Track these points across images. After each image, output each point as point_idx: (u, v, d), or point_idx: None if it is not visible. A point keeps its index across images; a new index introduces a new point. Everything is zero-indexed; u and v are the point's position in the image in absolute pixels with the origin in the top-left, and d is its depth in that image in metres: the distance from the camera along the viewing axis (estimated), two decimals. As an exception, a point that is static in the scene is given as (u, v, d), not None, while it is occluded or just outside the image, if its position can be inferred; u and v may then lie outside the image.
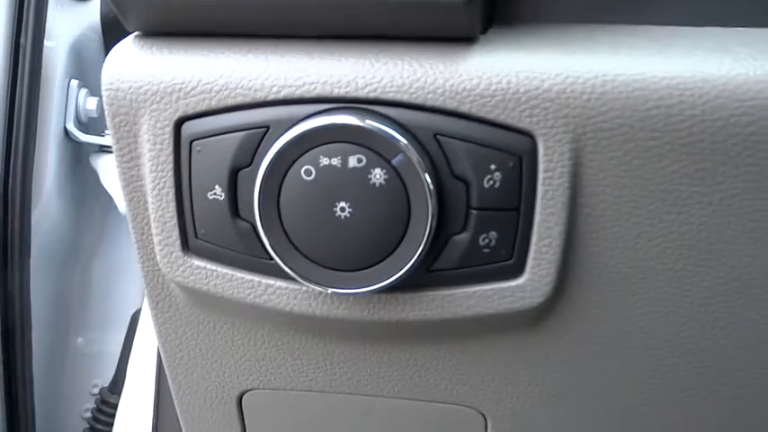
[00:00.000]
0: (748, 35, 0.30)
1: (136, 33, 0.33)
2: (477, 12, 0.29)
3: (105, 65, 0.32)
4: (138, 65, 0.31)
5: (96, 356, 0.91)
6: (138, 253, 0.35)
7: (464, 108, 0.29)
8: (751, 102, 0.27)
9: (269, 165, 0.29)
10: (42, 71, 0.81)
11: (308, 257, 0.30)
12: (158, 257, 0.33)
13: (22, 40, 0.78)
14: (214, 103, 0.31)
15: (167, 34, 0.32)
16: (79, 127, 0.86)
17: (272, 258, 0.31)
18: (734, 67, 0.28)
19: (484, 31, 0.31)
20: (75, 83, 0.86)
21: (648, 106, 0.28)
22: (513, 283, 0.31)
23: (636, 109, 0.28)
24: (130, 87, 0.31)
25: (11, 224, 0.75)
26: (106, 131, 0.94)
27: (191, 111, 0.31)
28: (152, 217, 0.33)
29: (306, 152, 0.29)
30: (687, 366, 0.33)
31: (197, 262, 0.33)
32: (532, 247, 0.31)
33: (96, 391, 0.90)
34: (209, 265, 0.33)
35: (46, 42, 0.82)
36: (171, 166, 0.32)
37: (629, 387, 0.34)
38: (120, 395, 0.81)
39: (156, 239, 0.33)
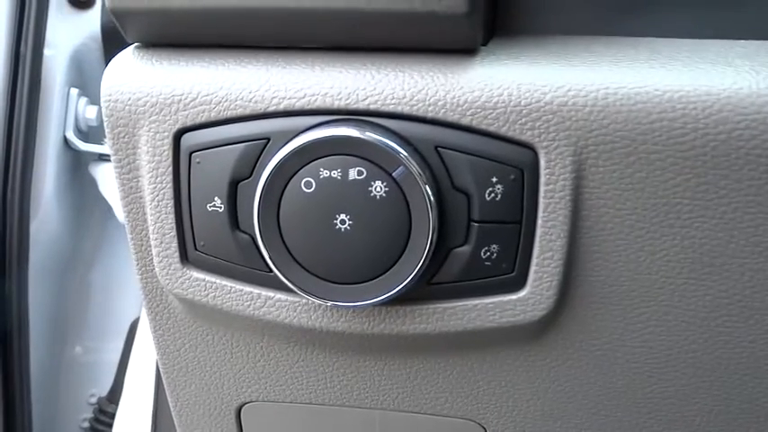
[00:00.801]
0: (749, 48, 0.30)
1: (136, 44, 0.32)
2: (479, 23, 0.29)
3: (105, 76, 0.32)
4: (137, 76, 0.31)
5: (94, 365, 0.91)
6: (137, 264, 0.35)
7: (465, 120, 0.29)
8: (753, 115, 0.27)
9: (269, 177, 0.29)
10: (42, 80, 0.81)
11: (307, 270, 0.30)
12: (157, 269, 0.33)
13: (22, 48, 0.78)
14: (214, 115, 0.31)
15: (167, 45, 0.32)
16: (79, 135, 0.86)
17: (271, 271, 0.31)
18: (736, 81, 0.28)
19: (485, 43, 0.31)
20: (74, 91, 0.86)
21: (651, 119, 0.28)
22: (514, 297, 0.31)
23: (638, 122, 0.28)
24: (129, 99, 0.31)
25: (9, 233, 0.75)
26: (106, 140, 0.94)
27: (190, 122, 0.31)
28: (151, 228, 0.33)
29: (306, 164, 0.29)
30: (690, 381, 0.33)
31: (196, 274, 0.33)
32: (534, 261, 0.30)
33: (94, 400, 0.89)
34: (209, 277, 0.33)
35: (46, 51, 0.82)
36: (170, 177, 0.31)
37: (630, 401, 0.34)
38: (118, 405, 0.81)
39: (154, 251, 0.33)
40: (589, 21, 0.33)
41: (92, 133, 0.89)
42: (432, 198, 0.29)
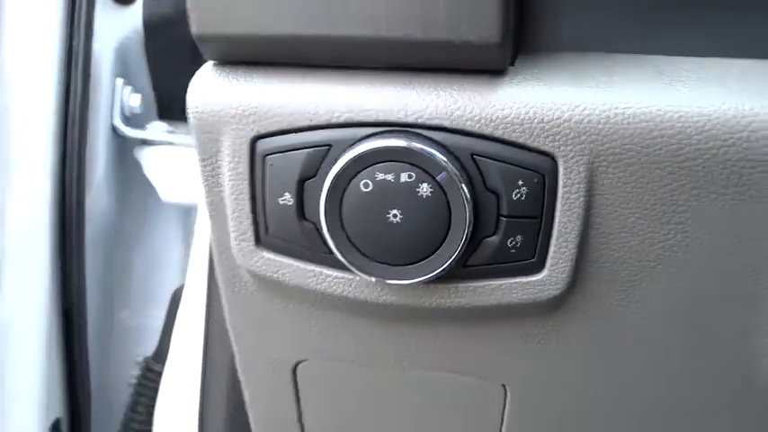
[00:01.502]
0: (748, 68, 0.34)
1: (213, 62, 0.36)
2: (508, 49, 0.33)
3: (190, 90, 0.36)
4: (218, 91, 0.35)
5: (139, 330, 0.96)
6: (216, 245, 0.39)
7: (497, 133, 0.33)
8: (738, 134, 0.32)
9: (334, 178, 0.33)
10: (92, 72, 0.84)
11: (364, 254, 0.35)
12: (234, 250, 0.38)
13: (74, 43, 0.82)
14: (284, 125, 0.35)
15: (241, 63, 0.36)
16: (125, 122, 0.90)
17: (332, 253, 0.36)
18: (725, 102, 0.32)
19: (512, 62, 0.35)
20: (120, 81, 0.90)
21: (653, 136, 0.32)
22: (534, 278, 0.36)
23: (642, 137, 0.32)
24: (213, 110, 0.35)
25: (69, 212, 0.79)
26: (147, 125, 0.98)
27: (264, 131, 0.35)
28: (229, 217, 0.37)
29: (364, 169, 0.33)
30: (682, 349, 0.38)
31: (267, 254, 0.37)
32: (551, 249, 0.35)
33: (140, 359, 0.95)
34: (277, 257, 0.37)
35: (95, 45, 0.85)
36: (247, 176, 0.36)
37: (632, 365, 0.39)
38: (163, 363, 0.86)
39: (232, 235, 0.37)
40: (604, 40, 0.37)
41: (134, 119, 0.93)
42: (468, 197, 0.33)
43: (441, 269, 0.34)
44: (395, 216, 0.34)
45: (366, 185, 0.33)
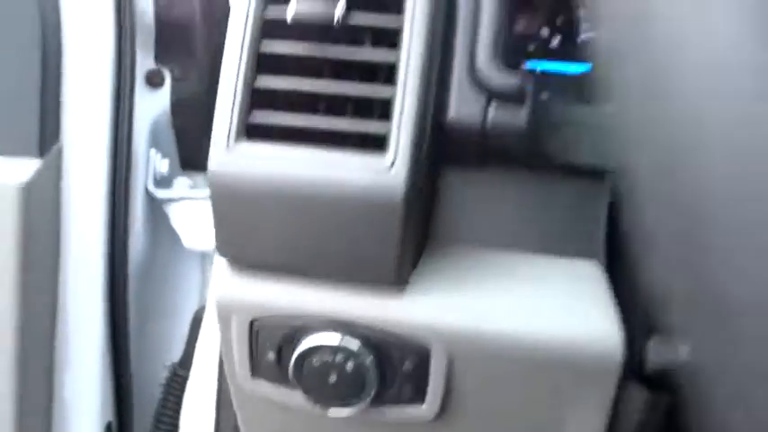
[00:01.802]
0: (565, 272, 0.55)
1: (230, 263, 0.58)
2: (405, 279, 0.55)
3: (215, 287, 0.57)
4: (230, 287, 0.57)
5: (165, 339, 1.21)
6: (227, 367, 0.62)
7: (396, 330, 0.55)
8: (530, 345, 0.53)
9: (297, 358, 0.56)
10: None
11: (315, 396, 0.57)
12: (238, 379, 0.60)
13: (120, 124, 1.02)
14: (271, 313, 0.57)
15: (247, 265, 0.57)
16: (155, 184, 1.11)
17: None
18: (517, 313, 0.54)
19: (415, 264, 0.56)
20: (153, 151, 1.10)
21: (483, 344, 0.54)
22: (418, 408, 0.58)
23: (478, 344, 0.54)
24: (227, 300, 0.57)
25: (117, 254, 1.03)
26: (174, 181, 1.19)
27: (258, 316, 0.57)
28: (236, 358, 0.59)
29: (315, 352, 0.55)
30: None
31: (258, 381, 0.60)
32: (428, 394, 0.57)
33: (168, 364, 1.19)
34: (264, 383, 0.60)
35: (135, 124, 1.05)
36: (247, 340, 0.58)
37: None
38: (187, 370, 1.10)
39: (236, 368, 0.60)
40: (487, 237, 0.58)
41: (162, 180, 1.14)
42: (377, 369, 0.55)
43: (359, 407, 0.57)
44: (332, 379, 0.56)
45: (317, 362, 0.56)
